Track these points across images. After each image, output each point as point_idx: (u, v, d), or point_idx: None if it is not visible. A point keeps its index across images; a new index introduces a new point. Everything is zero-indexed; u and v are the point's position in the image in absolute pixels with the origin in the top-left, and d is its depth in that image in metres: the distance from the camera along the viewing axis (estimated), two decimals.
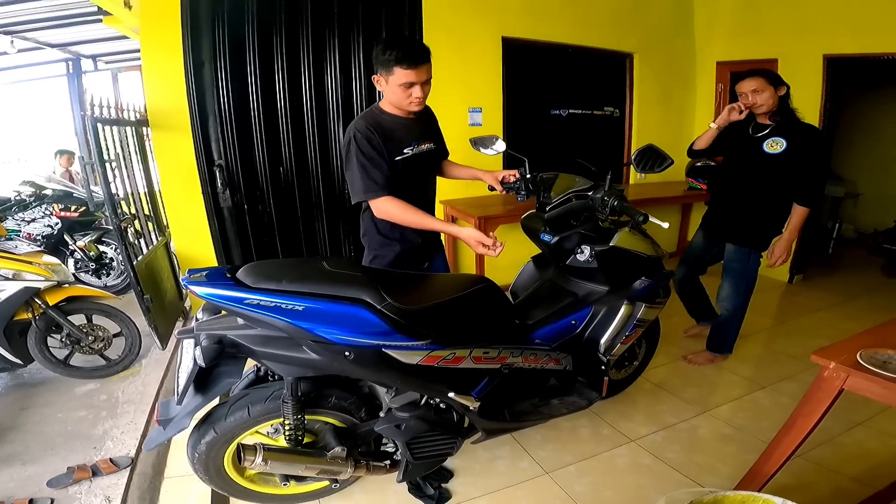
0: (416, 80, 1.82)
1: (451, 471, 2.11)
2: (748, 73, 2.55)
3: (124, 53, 7.01)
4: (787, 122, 2.51)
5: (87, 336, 2.98)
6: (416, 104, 1.90)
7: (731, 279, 2.81)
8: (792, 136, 2.47)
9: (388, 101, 1.96)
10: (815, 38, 4.06)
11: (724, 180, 2.86)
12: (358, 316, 1.44)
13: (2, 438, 2.45)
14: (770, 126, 2.54)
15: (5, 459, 2.29)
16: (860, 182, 6.01)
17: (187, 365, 1.44)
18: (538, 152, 2.52)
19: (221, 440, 1.60)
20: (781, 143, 2.48)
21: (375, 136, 1.88)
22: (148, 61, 3.12)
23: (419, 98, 1.88)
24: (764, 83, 2.48)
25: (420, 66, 1.81)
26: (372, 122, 1.92)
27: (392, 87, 1.85)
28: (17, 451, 2.36)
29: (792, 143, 2.46)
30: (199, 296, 1.38)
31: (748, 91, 2.51)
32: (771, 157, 2.51)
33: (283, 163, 3.48)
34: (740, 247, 2.75)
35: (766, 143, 2.53)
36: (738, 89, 2.58)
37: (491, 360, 1.78)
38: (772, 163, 2.52)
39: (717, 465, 2.12)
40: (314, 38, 3.37)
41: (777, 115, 2.52)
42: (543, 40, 4.17)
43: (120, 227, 2.73)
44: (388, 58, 1.80)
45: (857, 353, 1.34)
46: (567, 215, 2.08)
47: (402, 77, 1.81)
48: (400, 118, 1.98)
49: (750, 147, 2.60)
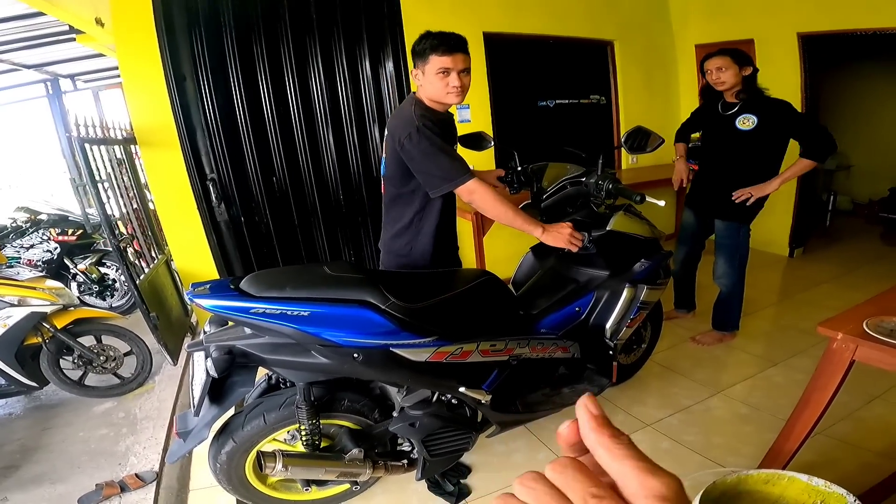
0: (452, 67, 1.79)
1: (469, 466, 2.12)
2: (716, 52, 2.64)
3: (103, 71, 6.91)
4: (754, 99, 2.60)
5: (98, 356, 3.00)
6: (455, 94, 1.83)
7: (723, 255, 2.86)
8: (762, 112, 2.56)
9: (427, 95, 1.89)
10: (788, 17, 4.11)
11: (704, 158, 2.94)
12: (363, 317, 1.45)
13: (28, 459, 2.51)
14: (738, 104, 2.63)
15: (34, 480, 2.34)
16: (851, 154, 6.07)
17: (200, 377, 1.45)
18: (528, 144, 2.53)
19: (241, 449, 1.61)
20: (753, 120, 2.57)
21: (439, 129, 1.82)
22: (128, 78, 3.09)
23: (457, 87, 1.82)
24: (729, 61, 2.57)
25: (456, 53, 1.78)
26: (428, 118, 1.83)
27: (429, 76, 1.82)
28: (45, 470, 2.41)
29: (763, 119, 2.55)
30: (204, 308, 1.39)
31: (713, 68, 2.62)
32: (744, 133, 2.60)
33: (275, 172, 3.47)
34: (728, 222, 2.80)
35: (737, 119, 2.62)
36: (704, 66, 2.69)
37: (498, 353, 1.79)
38: (746, 138, 2.61)
39: (738, 446, 2.12)
40: (295, 44, 3.36)
41: (742, 93, 2.61)
42: (524, 33, 4.18)
43: (119, 247, 2.73)
44: (424, 46, 1.79)
45: (863, 323, 1.35)
46: (562, 203, 2.10)
47: (438, 63, 1.78)
48: (444, 116, 1.94)
49: (723, 125, 2.69)
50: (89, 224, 4.22)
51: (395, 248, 2.03)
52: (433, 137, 1.77)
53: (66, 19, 3.64)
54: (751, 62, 2.60)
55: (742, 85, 2.60)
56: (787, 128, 2.56)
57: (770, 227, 4.54)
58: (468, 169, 1.81)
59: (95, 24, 3.69)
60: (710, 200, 2.85)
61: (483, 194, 1.80)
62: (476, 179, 1.79)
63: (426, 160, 1.78)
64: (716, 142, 2.80)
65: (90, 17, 3.64)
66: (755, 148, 2.63)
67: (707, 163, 2.90)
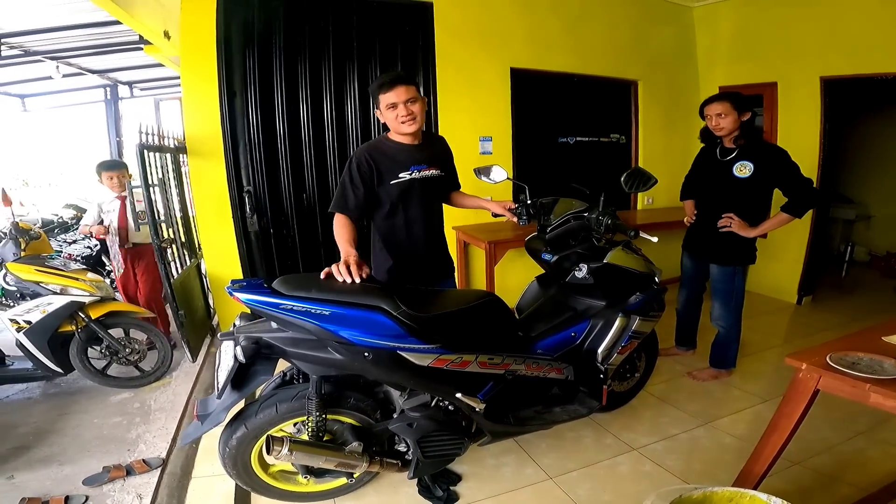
0: (397, 100, 2.02)
1: (460, 475, 2.24)
2: (715, 96, 2.72)
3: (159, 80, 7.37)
4: (752, 145, 2.68)
5: (124, 348, 3.18)
6: (408, 123, 2.07)
7: (719, 299, 2.94)
8: (758, 159, 2.63)
9: (392, 129, 2.16)
10: (811, 61, 4.22)
11: (700, 203, 3.01)
12: (376, 320, 1.63)
13: (41, 441, 2.62)
14: (735, 150, 2.71)
15: (43, 460, 2.45)
16: (871, 204, 6.04)
17: (227, 363, 1.63)
18: (547, 179, 2.68)
19: (251, 435, 1.78)
20: (749, 167, 2.64)
21: (369, 164, 2.08)
22: (188, 91, 3.38)
23: (405, 116, 2.05)
24: (729, 107, 2.64)
25: (397, 87, 2.02)
26: (373, 148, 2.15)
27: (384, 114, 2.08)
28: (55, 452, 2.52)
29: (759, 166, 2.63)
30: (241, 301, 1.59)
31: (713, 114, 2.69)
32: (741, 180, 2.68)
33: (306, 189, 3.71)
34: (722, 266, 2.88)
35: (734, 167, 2.69)
36: (704, 111, 2.75)
37: (495, 366, 1.94)
38: (742, 186, 2.68)
39: (716, 472, 2.22)
40: (335, 70, 3.64)
41: (740, 139, 2.68)
42: (549, 70, 4.38)
43: (161, 248, 2.95)
44: (373, 89, 2.08)
45: (826, 356, 1.49)
46: (566, 235, 2.27)
47: (385, 100, 2.04)
48: (402, 144, 2.17)
49: (720, 171, 2.76)
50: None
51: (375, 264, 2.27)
52: (347, 170, 2.11)
53: (139, 30, 4.01)
54: (750, 107, 2.67)
55: (740, 130, 2.67)
56: (779, 177, 2.63)
57: (779, 273, 4.63)
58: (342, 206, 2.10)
59: (163, 37, 4.03)
60: (705, 245, 2.93)
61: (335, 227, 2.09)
62: (339, 216, 2.09)
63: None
64: (712, 187, 2.88)
65: (160, 29, 4.00)
66: (750, 195, 2.71)
67: (702, 207, 2.97)
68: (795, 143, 4.38)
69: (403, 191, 2.14)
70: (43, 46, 4.93)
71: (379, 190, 2.13)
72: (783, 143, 4.45)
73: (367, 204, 2.13)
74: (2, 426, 2.68)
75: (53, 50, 5.07)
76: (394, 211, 2.16)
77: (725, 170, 2.73)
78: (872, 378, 1.37)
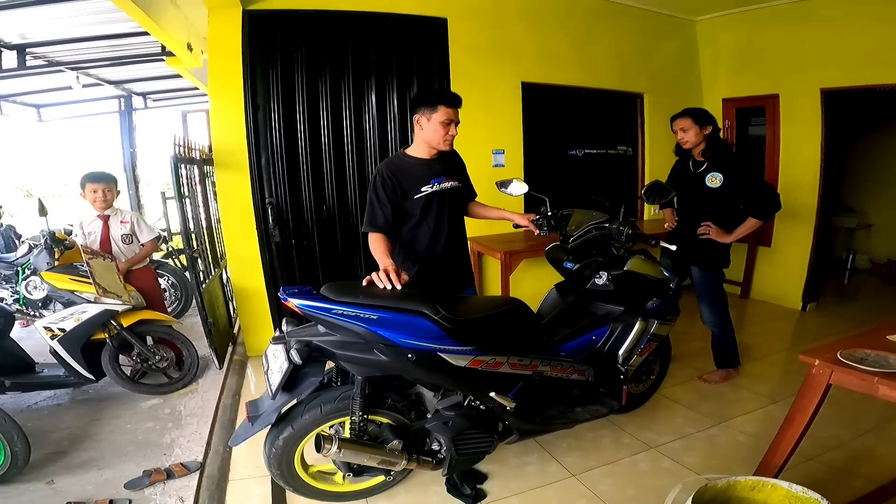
0: (455, 119, 2.20)
1: (486, 474, 2.35)
2: (680, 113, 2.95)
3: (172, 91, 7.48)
4: (720, 158, 2.89)
5: (153, 356, 3.28)
6: (449, 143, 2.26)
7: (705, 301, 3.11)
8: (727, 170, 2.84)
9: (423, 139, 2.28)
10: (812, 73, 4.36)
11: (679, 211, 3.22)
12: (419, 324, 1.77)
13: (77, 446, 2.70)
14: (705, 162, 2.92)
15: (82, 465, 2.52)
16: (871, 213, 6.19)
17: (280, 366, 1.75)
18: (557, 191, 2.80)
19: (297, 436, 1.90)
20: (719, 178, 2.86)
21: (392, 181, 2.22)
22: (215, 104, 3.49)
23: (454, 136, 2.24)
24: (690, 122, 2.88)
25: (457, 107, 2.21)
26: (394, 166, 2.28)
27: (433, 124, 2.21)
28: (93, 457, 2.59)
29: (728, 177, 2.84)
30: (296, 306, 1.72)
31: (678, 129, 2.94)
32: (713, 190, 2.88)
33: (325, 201, 3.82)
34: (702, 270, 3.05)
35: (707, 178, 2.90)
36: (673, 126, 2.99)
37: (525, 367, 2.07)
38: (714, 195, 2.89)
39: (734, 468, 2.32)
40: (355, 85, 3.77)
41: (707, 152, 2.90)
42: (559, 84, 4.52)
43: (192, 257, 3.06)
44: (434, 97, 2.20)
45: (837, 353, 1.62)
46: (587, 245, 2.40)
47: (444, 115, 2.18)
48: (421, 159, 2.32)
49: (695, 182, 2.97)
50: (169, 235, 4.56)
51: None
52: (373, 189, 2.24)
53: (165, 41, 4.13)
54: (711, 121, 2.89)
55: (706, 143, 2.89)
56: (746, 185, 2.86)
57: (783, 281, 4.76)
58: (376, 225, 2.22)
59: (186, 49, 4.16)
60: (687, 250, 3.06)
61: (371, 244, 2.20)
62: (375, 235, 2.20)
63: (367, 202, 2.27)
64: (689, 197, 3.09)
65: (184, 41, 4.12)
66: (723, 203, 2.91)
67: (682, 216, 3.17)
68: (798, 154, 4.56)
69: (426, 203, 2.28)
70: (66, 57, 5.06)
71: (404, 205, 2.27)
72: (786, 154, 4.64)
73: (395, 219, 2.26)
74: (35, 431, 2.73)
75: (75, 60, 5.18)
76: (419, 222, 2.30)
77: (699, 181, 2.93)
78: (880, 372, 1.50)
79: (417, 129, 2.28)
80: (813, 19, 4.31)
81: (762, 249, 4.96)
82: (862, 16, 4.01)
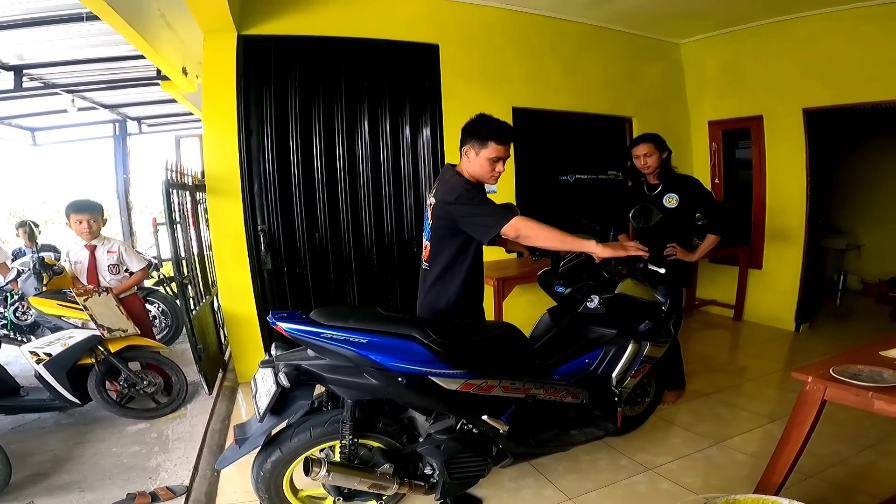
0: (504, 156, 2.11)
1: (480, 498, 2.29)
2: (640, 138, 3.03)
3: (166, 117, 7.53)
4: (671, 179, 3.01)
5: (141, 381, 3.23)
6: (496, 179, 2.17)
7: None
8: (680, 190, 2.97)
9: (470, 172, 2.16)
10: (794, 93, 4.44)
11: (639, 234, 3.22)
12: (410, 347, 1.76)
13: (59, 468, 2.64)
14: (660, 184, 3.03)
15: (63, 487, 2.47)
16: (860, 233, 6.25)
17: (268, 389, 1.73)
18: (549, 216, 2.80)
19: (285, 459, 1.86)
20: (675, 199, 2.98)
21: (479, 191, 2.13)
22: (209, 131, 3.50)
23: (500, 173, 2.14)
24: (652, 148, 2.95)
25: (509, 144, 2.11)
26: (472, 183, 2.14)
27: (481, 159, 2.10)
28: (76, 479, 2.54)
29: (682, 196, 2.96)
30: (285, 330, 1.71)
31: (641, 154, 2.98)
32: (670, 210, 2.97)
33: (318, 228, 3.78)
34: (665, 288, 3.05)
35: (664, 198, 3.00)
36: (633, 152, 3.03)
37: (517, 391, 2.04)
38: (672, 215, 2.97)
39: (733, 486, 2.29)
40: (347, 111, 3.79)
41: (662, 175, 3.01)
42: (549, 108, 4.57)
43: (182, 283, 3.03)
44: (486, 131, 2.07)
45: (830, 369, 1.62)
46: (577, 269, 2.42)
47: (494, 151, 2.08)
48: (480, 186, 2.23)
49: (652, 204, 2.97)
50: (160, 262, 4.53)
51: (427, 301, 2.28)
52: (480, 194, 2.09)
53: (161, 65, 4.17)
54: (667, 147, 3.01)
55: (660, 167, 2.99)
56: (698, 203, 3.00)
57: (776, 303, 4.77)
58: (513, 210, 2.07)
59: (181, 73, 4.20)
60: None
61: (530, 226, 1.97)
62: (520, 217, 1.98)
63: (477, 210, 2.03)
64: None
65: (179, 65, 4.15)
66: (680, 222, 3.02)
67: (643, 239, 3.13)
68: (783, 175, 4.61)
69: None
70: (62, 79, 5.10)
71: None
72: (772, 176, 4.70)
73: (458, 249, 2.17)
74: (18, 454, 2.67)
75: (72, 83, 5.23)
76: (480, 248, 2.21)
77: (656, 202, 2.99)
78: (874, 386, 1.49)
79: (465, 159, 2.17)
80: (792, 39, 4.41)
81: (753, 272, 4.97)
82: (839, 35, 4.11)
